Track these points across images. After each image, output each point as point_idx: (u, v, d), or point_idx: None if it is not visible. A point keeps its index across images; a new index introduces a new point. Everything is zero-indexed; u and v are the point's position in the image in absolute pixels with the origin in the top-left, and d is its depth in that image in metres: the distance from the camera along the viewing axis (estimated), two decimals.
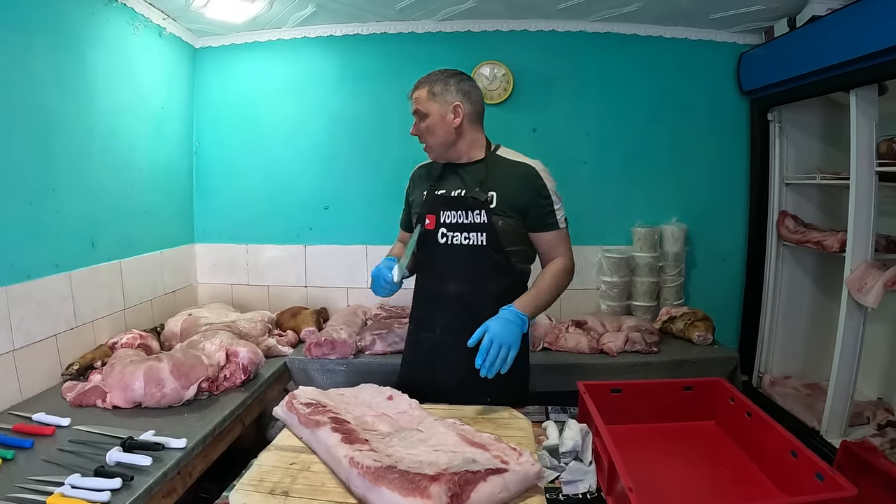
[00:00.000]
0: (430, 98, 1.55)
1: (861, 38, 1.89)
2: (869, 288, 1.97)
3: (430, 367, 1.64)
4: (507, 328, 1.37)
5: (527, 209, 1.52)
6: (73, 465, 1.28)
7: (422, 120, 1.57)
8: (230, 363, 1.86)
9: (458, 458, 1.04)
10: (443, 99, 1.54)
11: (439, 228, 1.58)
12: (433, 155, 1.64)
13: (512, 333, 1.37)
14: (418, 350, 1.69)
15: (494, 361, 1.33)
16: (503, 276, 1.55)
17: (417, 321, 1.71)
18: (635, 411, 1.44)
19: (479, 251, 1.53)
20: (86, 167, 2.06)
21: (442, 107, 1.54)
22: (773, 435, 1.21)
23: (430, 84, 1.56)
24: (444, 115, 1.54)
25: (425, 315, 1.66)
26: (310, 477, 1.10)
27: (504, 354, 1.34)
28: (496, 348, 1.34)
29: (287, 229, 2.86)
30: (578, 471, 1.17)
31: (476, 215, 1.52)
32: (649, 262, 2.63)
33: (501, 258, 1.53)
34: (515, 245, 1.55)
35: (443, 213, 1.57)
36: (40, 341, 1.81)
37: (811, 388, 2.47)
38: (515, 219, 1.52)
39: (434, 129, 1.56)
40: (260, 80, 2.80)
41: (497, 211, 1.51)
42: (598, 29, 2.63)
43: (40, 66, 1.83)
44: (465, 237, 1.54)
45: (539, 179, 1.53)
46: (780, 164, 2.59)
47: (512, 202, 1.51)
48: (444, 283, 1.59)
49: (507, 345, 1.35)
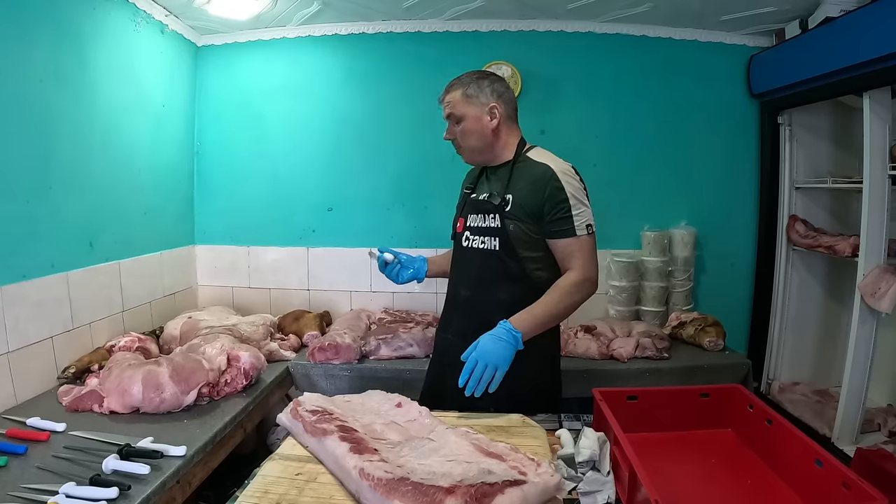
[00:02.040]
0: (466, 101, 1.50)
1: (875, 40, 1.87)
2: (882, 293, 1.95)
3: (441, 367, 1.64)
4: (497, 347, 1.32)
5: (540, 213, 1.44)
6: (68, 472, 1.24)
7: (457, 123, 1.52)
8: (231, 368, 1.82)
9: (474, 469, 0.99)
10: (478, 101, 1.49)
11: (465, 232, 1.57)
12: (467, 159, 1.59)
13: (502, 353, 1.32)
14: (436, 349, 1.75)
15: (479, 381, 1.30)
16: (515, 284, 1.48)
17: (440, 322, 1.75)
18: (651, 419, 1.39)
19: (492, 256, 1.49)
20: (84, 165, 2.02)
21: (478, 109, 1.49)
22: (795, 443, 1.17)
23: (464, 86, 1.51)
24: (480, 118, 1.50)
25: (445, 316, 1.70)
26: (317, 489, 1.05)
27: (490, 374, 1.30)
28: (481, 368, 1.30)
29: (289, 231, 2.82)
30: (596, 481, 1.12)
31: (491, 219, 1.49)
32: (658, 267, 2.60)
33: (514, 265, 1.47)
34: (531, 251, 1.48)
35: (470, 217, 1.55)
36: (36, 343, 1.77)
37: (821, 395, 2.45)
38: (529, 223, 1.45)
39: (470, 132, 1.51)
40: (263, 79, 2.77)
41: (510, 215, 1.46)
42: (607, 30, 2.61)
43: (39, 60, 1.79)
44: (482, 241, 1.51)
45: (555, 181, 1.43)
46: (790, 167, 2.58)
47: (524, 205, 1.45)
48: (458, 287, 1.59)
49: (494, 365, 1.31)
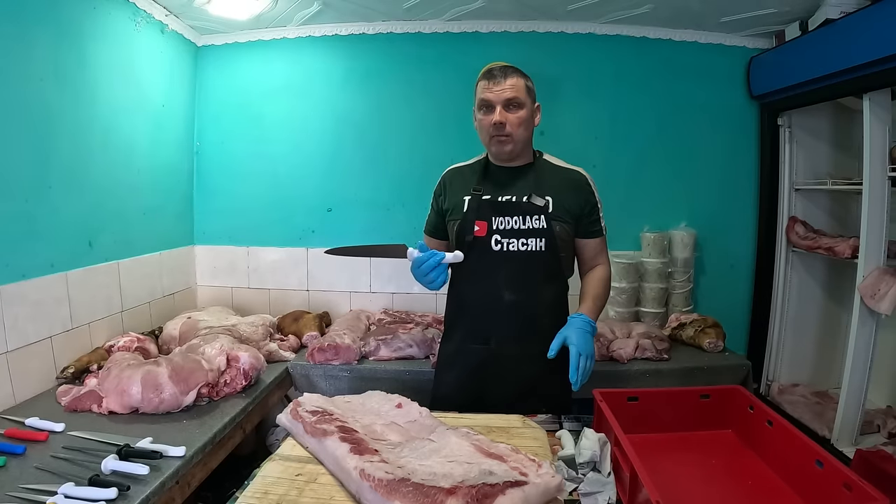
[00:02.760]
0: (527, 91, 1.50)
1: (875, 42, 1.87)
2: (882, 294, 1.95)
3: (481, 378, 1.56)
4: (586, 338, 1.40)
5: (580, 215, 1.54)
6: (67, 473, 1.24)
7: (518, 109, 1.47)
8: (231, 368, 1.81)
9: (475, 470, 0.99)
10: (534, 96, 1.53)
11: (492, 235, 1.51)
12: (509, 150, 1.51)
13: (590, 343, 1.41)
14: (467, 361, 1.58)
15: (584, 373, 1.37)
16: (554, 283, 1.55)
17: (463, 332, 1.60)
18: (651, 420, 1.39)
19: (538, 257, 1.51)
20: (84, 165, 2.01)
21: (532, 104, 1.53)
22: (796, 444, 1.17)
23: (525, 78, 1.50)
24: (534, 113, 1.53)
25: (475, 326, 1.57)
26: (317, 489, 1.05)
27: (591, 366, 1.39)
28: (584, 360, 1.37)
29: (289, 231, 2.82)
30: (597, 482, 1.12)
31: (535, 220, 1.50)
32: (658, 268, 2.60)
33: (556, 264, 1.53)
34: (566, 251, 1.56)
35: (496, 220, 1.51)
36: (35, 343, 1.76)
37: (820, 396, 2.45)
38: (570, 224, 1.53)
39: (526, 122, 1.50)
40: (263, 79, 2.76)
41: (555, 216, 1.50)
42: (607, 31, 2.61)
43: (39, 59, 1.78)
44: (523, 243, 1.50)
45: (588, 186, 1.55)
46: (790, 169, 2.58)
47: (568, 207, 1.52)
48: (499, 292, 1.52)
49: (589, 355, 1.39)
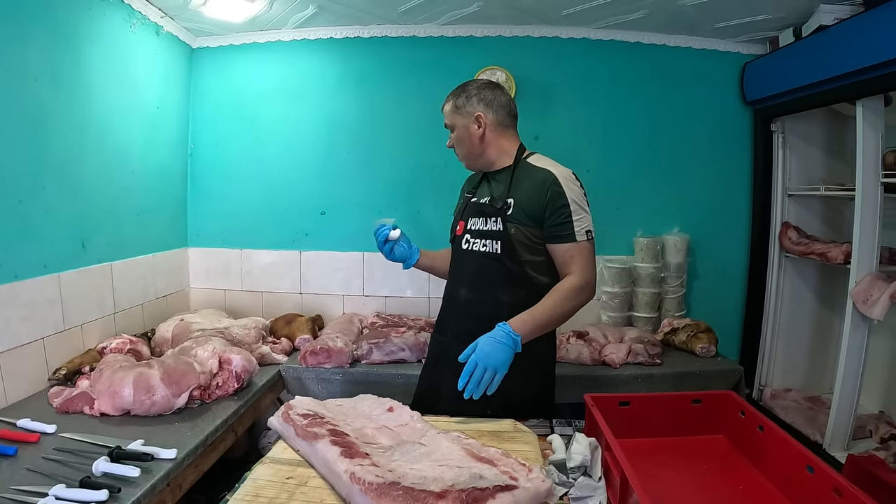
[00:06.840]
0: (455, 111, 1.58)
1: (868, 49, 1.89)
2: (875, 300, 1.96)
3: (436, 370, 1.64)
4: (496, 350, 1.32)
5: (542, 217, 1.47)
6: (58, 474, 1.24)
7: (453, 132, 1.60)
8: (223, 371, 1.81)
9: (465, 474, 0.99)
10: (465, 111, 1.56)
11: (465, 234, 1.60)
12: (466, 165, 1.66)
13: (501, 356, 1.32)
14: (431, 351, 1.73)
15: (478, 384, 1.30)
16: (517, 287, 1.50)
17: (435, 325, 1.74)
18: (643, 425, 1.40)
19: (493, 259, 1.51)
20: (78, 166, 2.01)
21: (465, 118, 1.56)
22: (787, 449, 1.17)
23: (455, 97, 1.59)
24: (467, 127, 1.56)
25: (441, 319, 1.70)
26: (307, 492, 1.05)
27: (489, 377, 1.31)
28: (480, 371, 1.30)
29: (282, 234, 2.81)
30: (588, 487, 1.13)
31: (493, 222, 1.51)
32: (651, 273, 2.60)
33: (515, 268, 1.49)
34: (533, 255, 1.50)
35: (470, 220, 1.58)
36: (27, 344, 1.76)
37: (812, 401, 2.45)
38: (530, 227, 1.48)
39: (461, 141, 1.59)
40: (258, 82, 2.76)
41: (511, 218, 1.49)
42: (602, 36, 2.62)
43: (34, 60, 1.78)
44: (483, 244, 1.54)
45: (556, 186, 1.45)
46: (783, 174, 2.59)
47: (526, 209, 1.48)
48: (458, 289, 1.60)
49: (494, 368, 1.31)
